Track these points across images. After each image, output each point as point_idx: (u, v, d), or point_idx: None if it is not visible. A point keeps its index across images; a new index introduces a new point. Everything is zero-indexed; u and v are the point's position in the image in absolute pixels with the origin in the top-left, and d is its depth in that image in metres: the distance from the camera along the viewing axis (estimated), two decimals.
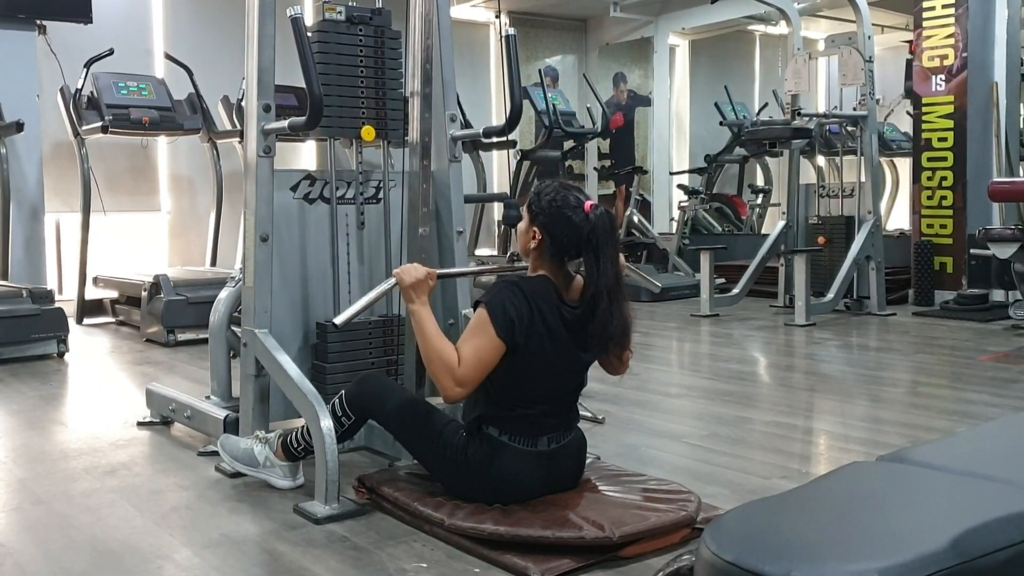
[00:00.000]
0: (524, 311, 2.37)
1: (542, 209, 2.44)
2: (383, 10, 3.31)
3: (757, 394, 4.31)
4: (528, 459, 2.43)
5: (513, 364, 2.39)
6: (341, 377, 3.16)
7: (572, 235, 2.39)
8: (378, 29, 3.28)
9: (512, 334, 2.36)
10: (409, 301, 2.51)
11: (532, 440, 2.43)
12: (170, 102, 6.65)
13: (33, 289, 5.22)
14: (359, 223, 3.36)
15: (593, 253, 2.38)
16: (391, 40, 3.28)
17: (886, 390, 4.29)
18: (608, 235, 2.40)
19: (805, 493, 1.34)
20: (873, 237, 6.48)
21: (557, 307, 2.42)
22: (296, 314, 3.22)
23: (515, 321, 2.36)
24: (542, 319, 2.39)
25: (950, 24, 6.82)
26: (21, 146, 6.15)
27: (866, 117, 6.60)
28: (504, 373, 2.40)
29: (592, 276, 2.39)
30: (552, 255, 2.44)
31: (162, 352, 5.36)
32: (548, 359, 2.42)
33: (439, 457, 2.51)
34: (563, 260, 2.45)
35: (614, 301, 2.39)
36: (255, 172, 3.03)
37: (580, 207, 2.40)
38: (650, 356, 5.23)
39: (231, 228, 7.06)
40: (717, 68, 10.99)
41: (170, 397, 3.56)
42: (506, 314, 2.36)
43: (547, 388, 2.45)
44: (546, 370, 2.43)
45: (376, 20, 3.28)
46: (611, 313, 2.39)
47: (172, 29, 7.68)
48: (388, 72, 3.29)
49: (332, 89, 3.17)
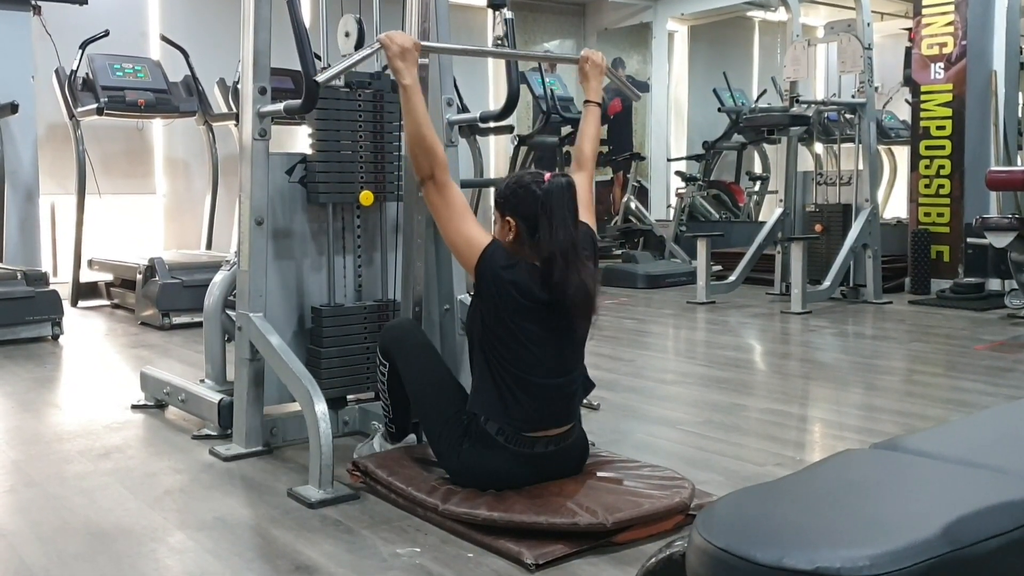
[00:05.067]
0: (507, 263, 2.38)
1: (506, 196, 2.44)
2: (382, 74, 3.27)
3: (752, 381, 4.31)
4: (521, 460, 2.41)
5: (500, 327, 2.38)
6: (336, 361, 3.16)
7: (536, 207, 2.37)
8: (377, 93, 3.24)
9: (486, 267, 2.38)
10: (400, 77, 2.48)
11: (529, 444, 2.41)
12: (166, 84, 6.62)
13: (28, 271, 5.20)
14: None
15: (547, 216, 2.35)
16: (389, 103, 3.25)
17: (881, 378, 4.30)
18: (563, 199, 2.37)
19: (798, 480, 1.33)
20: (870, 225, 6.48)
21: (536, 279, 2.38)
22: (291, 298, 3.21)
23: (500, 262, 2.38)
24: (519, 291, 2.37)
25: (950, 12, 6.79)
26: (16, 128, 6.12)
27: (864, 105, 6.58)
28: (498, 344, 2.39)
29: (545, 239, 2.34)
30: (530, 237, 2.39)
31: (157, 335, 5.35)
32: (532, 328, 2.38)
33: (438, 432, 2.50)
34: (536, 239, 2.39)
35: (570, 264, 2.34)
36: (250, 155, 3.01)
37: (540, 179, 2.40)
38: (646, 343, 5.23)
39: (227, 211, 7.03)
40: (716, 54, 10.95)
41: (164, 380, 3.56)
42: (497, 257, 2.39)
43: (537, 366, 2.40)
44: (533, 345, 2.39)
45: (375, 84, 3.24)
46: (566, 277, 2.34)
47: (168, 11, 7.64)
48: (386, 135, 3.25)
49: (331, 156, 3.15)
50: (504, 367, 2.40)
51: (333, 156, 3.16)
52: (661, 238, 8.41)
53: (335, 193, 3.18)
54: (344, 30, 3.24)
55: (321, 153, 3.15)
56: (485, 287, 2.41)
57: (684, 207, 8.89)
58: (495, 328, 2.40)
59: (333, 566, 2.15)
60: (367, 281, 3.35)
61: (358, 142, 3.21)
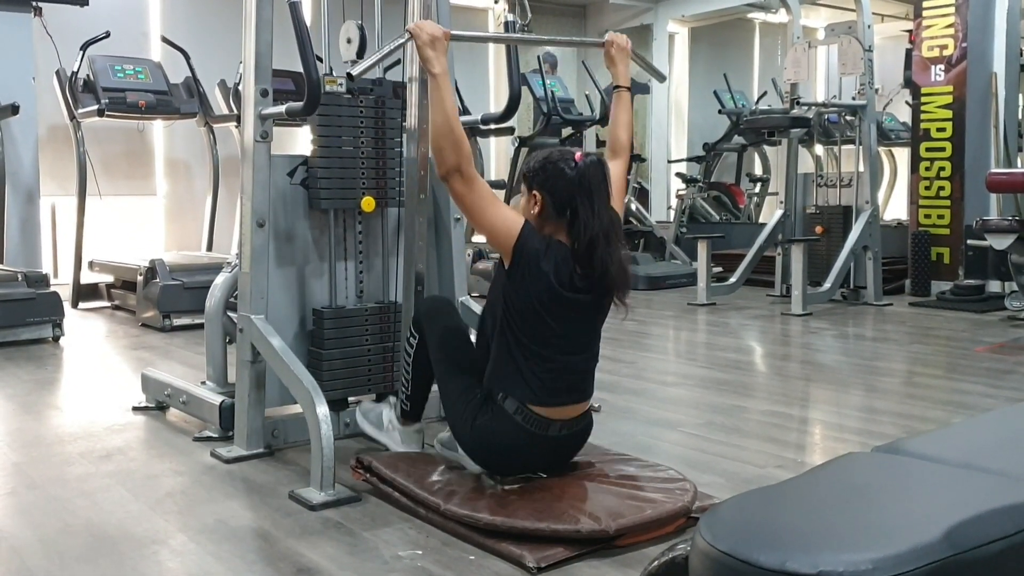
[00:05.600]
0: (541, 247, 2.41)
1: (535, 171, 2.46)
2: (383, 80, 3.27)
3: (753, 383, 4.31)
4: (535, 441, 2.44)
5: (526, 306, 2.40)
6: (338, 363, 3.16)
7: (568, 187, 2.40)
8: (379, 99, 3.23)
9: (524, 246, 2.39)
10: (430, 66, 2.49)
11: (544, 426, 2.44)
12: (167, 86, 6.62)
13: (28, 273, 5.20)
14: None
15: (587, 198, 2.39)
16: (390, 109, 3.24)
17: (882, 380, 4.30)
18: (600, 180, 2.42)
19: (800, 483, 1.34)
20: (871, 227, 6.48)
21: (569, 268, 2.41)
22: (292, 300, 3.21)
23: (535, 246, 2.39)
24: (553, 266, 2.39)
25: (950, 14, 6.80)
26: (16, 129, 6.13)
27: (865, 107, 6.58)
28: (521, 321, 2.41)
29: (587, 221, 2.38)
30: (557, 215, 2.43)
31: (158, 337, 5.35)
32: (558, 310, 2.41)
33: (455, 403, 2.53)
34: (567, 216, 2.42)
35: (611, 244, 2.40)
36: (252, 157, 3.02)
37: (571, 158, 2.43)
38: (647, 344, 5.23)
39: (227, 212, 7.04)
40: (716, 55, 10.96)
41: (166, 382, 3.56)
42: (533, 235, 2.42)
43: (559, 342, 2.44)
44: (556, 324, 2.42)
45: (377, 91, 3.24)
46: (609, 256, 2.40)
47: (169, 12, 7.65)
48: (388, 141, 3.25)
49: (334, 162, 3.15)
50: (524, 344, 2.43)
51: (335, 163, 3.16)
52: (661, 239, 8.41)
53: (337, 199, 3.17)
54: (346, 36, 3.24)
55: (323, 159, 3.14)
56: (519, 271, 2.41)
57: (685, 209, 8.90)
58: (520, 307, 2.42)
59: (335, 568, 2.15)
60: (368, 283, 3.35)
61: (360, 148, 3.21)
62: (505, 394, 2.45)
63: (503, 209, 2.50)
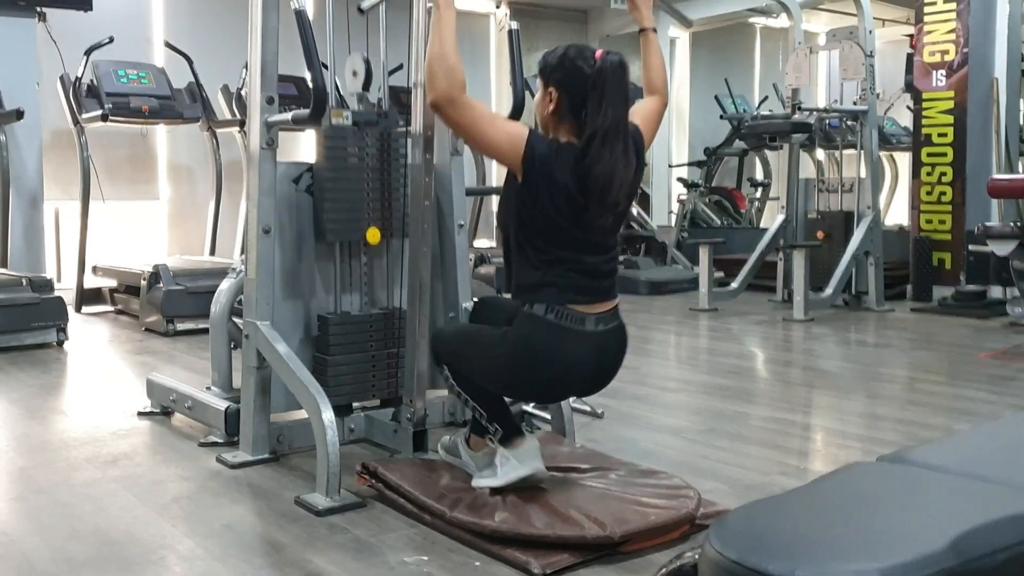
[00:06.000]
0: (552, 155, 2.34)
1: (553, 67, 2.40)
2: (389, 112, 3.26)
3: (755, 389, 4.33)
4: (572, 338, 2.36)
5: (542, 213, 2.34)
6: (342, 369, 3.17)
7: (584, 85, 2.32)
8: (384, 132, 3.22)
9: (533, 157, 2.32)
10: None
11: (579, 320, 2.36)
12: (170, 91, 6.64)
13: (33, 278, 5.22)
14: None
15: (597, 94, 2.30)
16: (396, 141, 3.24)
17: (884, 386, 4.31)
18: (617, 80, 2.32)
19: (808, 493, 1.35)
20: (872, 232, 6.50)
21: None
22: (297, 306, 3.22)
23: (545, 154, 2.33)
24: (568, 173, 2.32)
25: (951, 20, 6.81)
26: (21, 134, 6.14)
27: (866, 112, 6.60)
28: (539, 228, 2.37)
29: (592, 117, 2.30)
30: (572, 113, 2.36)
31: (161, 341, 5.36)
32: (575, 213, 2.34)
33: (483, 348, 2.49)
34: (582, 117, 2.34)
35: (606, 144, 2.29)
36: (258, 164, 3.03)
37: (591, 56, 2.35)
38: (649, 350, 5.24)
39: (230, 217, 7.06)
40: (717, 60, 10.99)
41: (171, 387, 3.57)
42: (542, 142, 2.35)
43: (578, 245, 2.37)
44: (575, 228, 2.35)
45: (382, 123, 3.23)
46: (600, 158, 2.29)
47: (172, 17, 7.67)
48: (393, 172, 3.24)
49: (341, 195, 3.14)
50: (545, 250, 2.37)
51: (341, 195, 3.14)
52: (663, 244, 8.43)
53: (342, 232, 3.16)
54: (351, 69, 3.24)
55: (329, 193, 3.12)
56: (532, 177, 2.34)
57: (686, 213, 8.92)
58: (536, 213, 2.36)
59: (341, 574, 2.16)
60: (373, 289, 3.36)
61: (365, 181, 3.19)
62: (533, 302, 2.38)
63: (504, 124, 2.41)
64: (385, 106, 3.46)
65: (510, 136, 2.36)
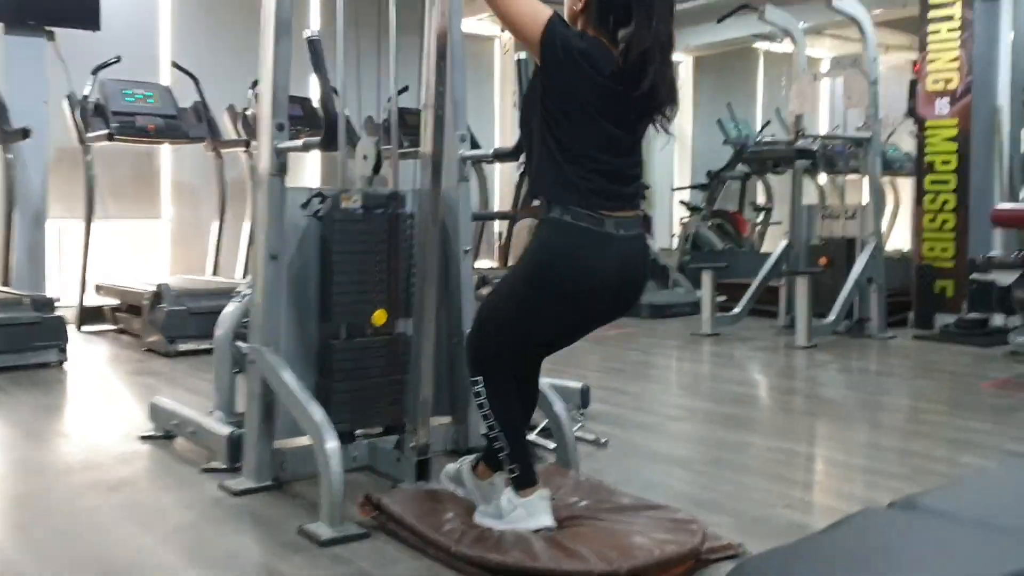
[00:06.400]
0: (575, 37, 2.27)
1: None
2: (398, 194, 3.25)
3: (759, 418, 4.31)
4: (596, 239, 2.30)
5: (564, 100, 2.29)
6: (347, 396, 3.16)
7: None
8: (393, 215, 3.21)
9: (554, 40, 2.24)
10: None
11: (598, 220, 2.30)
12: (175, 110, 6.66)
13: (34, 297, 5.21)
14: None
15: (645, 6, 2.23)
16: (404, 223, 3.22)
17: (887, 416, 4.30)
18: None
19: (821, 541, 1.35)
20: (875, 259, 6.49)
21: (609, 63, 2.26)
22: (302, 329, 3.21)
23: (567, 35, 2.26)
24: (590, 63, 2.25)
25: (955, 48, 6.84)
26: (27, 153, 6.13)
27: (870, 139, 6.61)
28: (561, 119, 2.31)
29: (642, 32, 2.22)
30: (600, 15, 2.29)
31: (162, 362, 5.35)
32: (596, 103, 2.29)
33: (503, 294, 2.50)
34: (610, 23, 2.28)
35: (665, 62, 2.25)
36: (267, 191, 3.03)
37: None
38: (652, 376, 5.24)
39: (233, 237, 7.06)
40: (720, 84, 11.03)
41: (174, 411, 3.56)
42: (564, 27, 2.28)
43: (602, 142, 2.32)
44: (597, 121, 2.30)
45: (392, 206, 3.22)
46: (662, 74, 2.24)
47: (180, 37, 7.70)
48: (400, 254, 3.21)
49: (349, 277, 3.11)
50: (567, 144, 2.31)
51: (347, 278, 3.12)
52: (665, 267, 8.43)
53: (349, 315, 3.15)
54: (363, 153, 3.24)
55: (338, 276, 3.10)
56: (552, 56, 2.26)
57: (688, 237, 8.92)
58: (559, 102, 2.30)
59: None
60: None
61: (374, 264, 3.17)
62: (552, 203, 2.32)
63: (530, 1, 2.29)
64: (393, 127, 3.46)
65: (534, 12, 2.27)
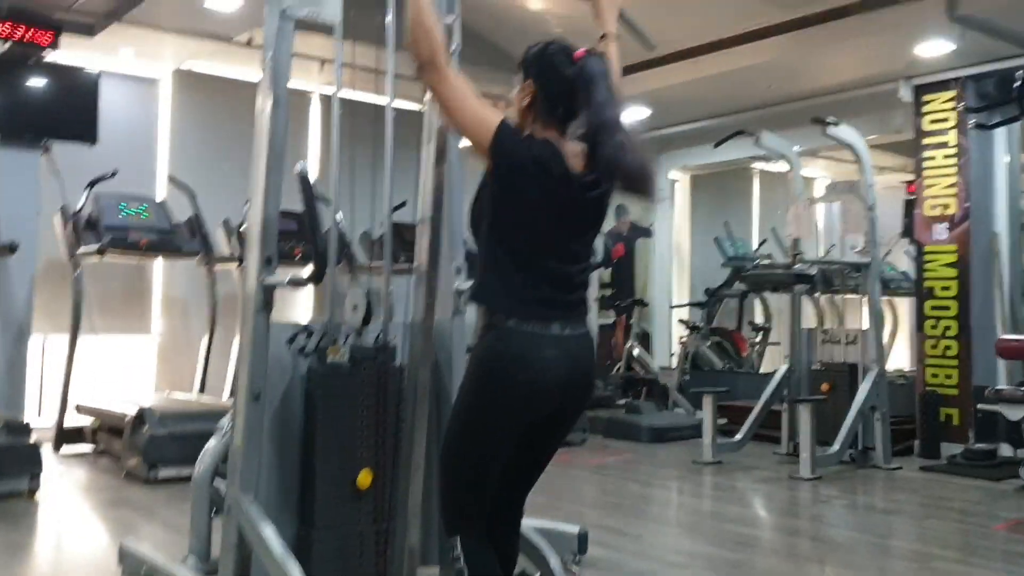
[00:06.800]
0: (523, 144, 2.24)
1: (532, 60, 2.33)
2: (387, 346, 3.18)
3: (764, 565, 4.08)
4: (542, 341, 2.24)
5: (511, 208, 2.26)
6: (328, 546, 2.97)
7: (562, 84, 2.26)
8: (381, 367, 3.14)
9: (502, 145, 2.21)
10: None
11: (543, 323, 2.24)
12: (169, 224, 6.58)
13: (9, 421, 4.98)
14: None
15: (585, 91, 2.23)
16: (392, 377, 3.14)
17: (897, 564, 4.09)
18: (602, 74, 2.26)
19: None
20: (878, 386, 6.33)
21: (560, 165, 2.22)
22: (284, 474, 3.04)
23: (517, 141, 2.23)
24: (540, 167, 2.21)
25: (952, 174, 6.84)
26: (14, 267, 5.99)
27: (869, 265, 6.54)
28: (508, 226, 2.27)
29: (590, 113, 2.21)
30: (546, 111, 2.28)
31: (142, 491, 5.08)
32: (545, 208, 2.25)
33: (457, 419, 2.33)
34: (556, 117, 2.27)
35: (620, 131, 2.21)
36: (252, 327, 2.91)
37: (569, 55, 2.29)
38: (651, 513, 5.02)
39: (223, 353, 6.89)
40: (717, 202, 11.11)
41: (143, 559, 3.34)
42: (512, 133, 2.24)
43: (551, 248, 2.28)
44: (546, 226, 2.26)
45: (380, 358, 3.15)
46: (620, 144, 2.19)
47: (177, 150, 7.72)
48: (388, 408, 3.12)
49: (333, 431, 3.03)
50: (513, 251, 2.27)
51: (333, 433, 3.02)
52: (665, 387, 8.26)
53: (331, 482, 3.02)
54: (352, 303, 3.17)
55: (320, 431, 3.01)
56: (502, 162, 2.23)
57: (688, 355, 8.79)
58: (508, 208, 2.26)
59: None
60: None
61: (359, 418, 3.07)
62: (495, 309, 2.27)
63: (481, 105, 2.28)
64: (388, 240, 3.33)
65: (484, 119, 2.25)
